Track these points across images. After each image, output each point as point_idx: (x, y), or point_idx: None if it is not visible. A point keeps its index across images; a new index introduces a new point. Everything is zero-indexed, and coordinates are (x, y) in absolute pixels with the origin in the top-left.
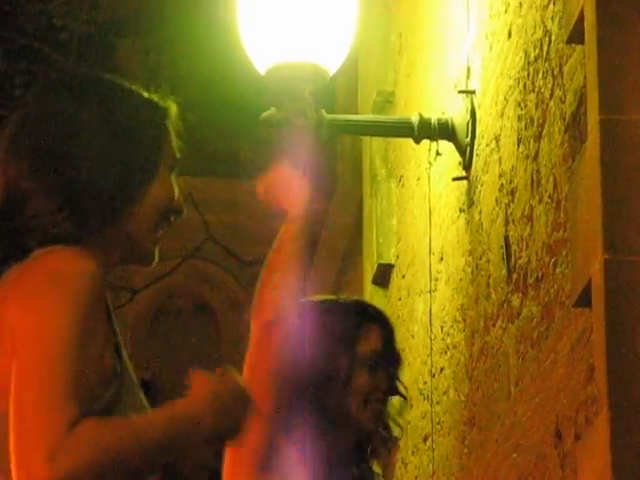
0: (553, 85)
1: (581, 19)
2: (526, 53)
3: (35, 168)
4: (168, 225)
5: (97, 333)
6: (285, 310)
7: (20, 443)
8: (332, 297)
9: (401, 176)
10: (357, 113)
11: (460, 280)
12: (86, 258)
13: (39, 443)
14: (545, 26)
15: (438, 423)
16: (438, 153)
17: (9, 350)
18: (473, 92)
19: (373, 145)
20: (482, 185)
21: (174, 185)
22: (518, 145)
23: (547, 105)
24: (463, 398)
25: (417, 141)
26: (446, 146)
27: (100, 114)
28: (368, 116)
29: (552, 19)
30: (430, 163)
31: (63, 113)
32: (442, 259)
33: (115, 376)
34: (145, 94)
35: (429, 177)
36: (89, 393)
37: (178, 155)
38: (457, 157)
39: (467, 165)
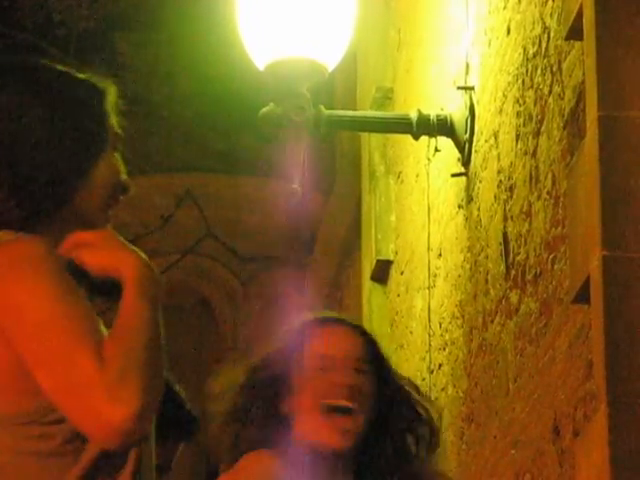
0: (552, 81)
1: (580, 15)
2: (525, 49)
3: None
4: (116, 204)
5: (78, 294)
6: None
7: (75, 407)
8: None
9: (400, 172)
10: (356, 109)
11: (459, 276)
12: (35, 241)
13: (92, 395)
14: (544, 22)
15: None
16: (437, 149)
17: None
18: (472, 88)
19: (372, 141)
20: (481, 181)
21: (119, 163)
22: (517, 141)
23: (546, 101)
24: (461, 394)
25: (416, 137)
26: (445, 142)
27: (39, 98)
28: (367, 112)
29: (551, 15)
30: (429, 159)
31: (1, 101)
32: (441, 255)
33: None
34: (81, 75)
35: (428, 173)
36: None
37: (119, 131)
38: (456, 153)
39: (466, 161)
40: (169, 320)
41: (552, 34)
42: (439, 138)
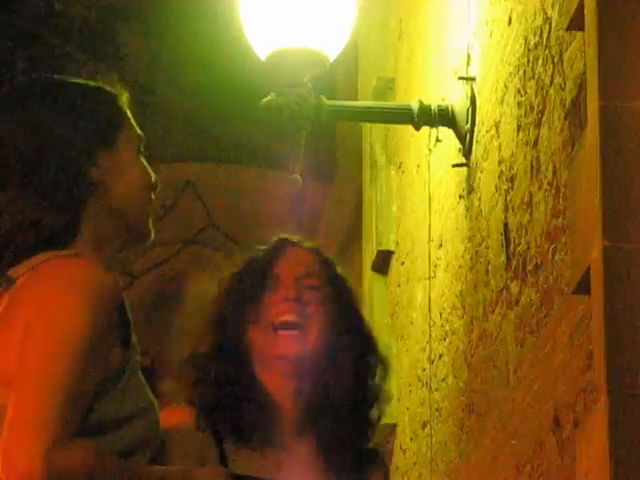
0: (553, 72)
1: (581, 6)
2: (526, 40)
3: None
4: (150, 202)
5: (105, 337)
6: None
7: (15, 436)
8: None
9: (401, 163)
10: (357, 99)
11: (459, 267)
12: (99, 266)
13: (34, 441)
14: (545, 13)
15: (437, 410)
16: (438, 140)
17: (16, 346)
18: (473, 79)
19: (373, 131)
20: (482, 172)
21: (145, 164)
22: (518, 132)
23: (547, 92)
24: (462, 385)
25: (417, 127)
26: (446, 133)
27: (52, 112)
28: (368, 102)
29: (552, 6)
30: (430, 150)
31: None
32: (441, 246)
33: (122, 372)
34: (92, 83)
35: (429, 164)
36: (86, 404)
37: (139, 133)
38: (457, 144)
39: (467, 152)
40: (170, 310)
41: (553, 24)
42: (440, 128)
